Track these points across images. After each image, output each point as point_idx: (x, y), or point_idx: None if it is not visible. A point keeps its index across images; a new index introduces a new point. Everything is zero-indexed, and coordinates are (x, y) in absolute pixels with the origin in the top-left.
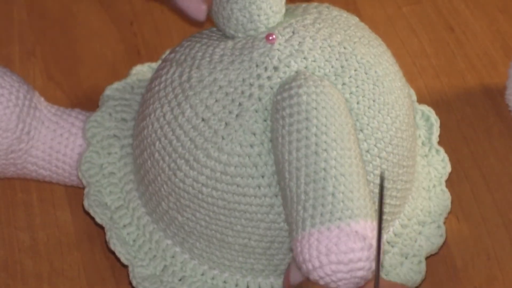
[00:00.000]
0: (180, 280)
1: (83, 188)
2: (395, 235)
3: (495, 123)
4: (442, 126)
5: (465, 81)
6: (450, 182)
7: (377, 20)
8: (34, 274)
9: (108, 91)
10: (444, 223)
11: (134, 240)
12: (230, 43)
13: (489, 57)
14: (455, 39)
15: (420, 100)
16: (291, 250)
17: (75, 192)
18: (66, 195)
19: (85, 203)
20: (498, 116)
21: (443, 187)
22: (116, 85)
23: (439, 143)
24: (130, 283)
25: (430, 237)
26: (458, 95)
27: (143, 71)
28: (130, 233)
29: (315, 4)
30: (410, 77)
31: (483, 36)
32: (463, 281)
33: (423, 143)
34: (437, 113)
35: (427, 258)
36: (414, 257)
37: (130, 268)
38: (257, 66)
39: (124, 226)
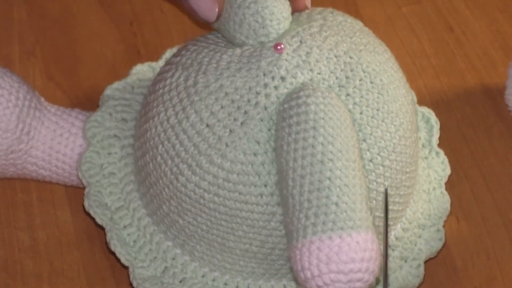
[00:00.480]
0: (180, 281)
1: (83, 188)
2: (396, 238)
3: (495, 123)
4: (442, 126)
5: (465, 81)
6: (450, 182)
7: (377, 20)
8: (34, 274)
9: (108, 90)
10: (444, 226)
11: (134, 241)
12: (238, 50)
13: (489, 57)
14: (455, 39)
15: (420, 100)
16: (288, 258)
17: (75, 192)
18: (66, 195)
19: (86, 204)
20: (498, 116)
21: (443, 189)
22: (116, 84)
23: (439, 143)
24: (131, 284)
25: (430, 241)
26: (457, 95)
27: (143, 70)
28: (131, 234)
29: (319, 9)
30: (410, 77)
31: (483, 36)
32: (463, 281)
33: (423, 145)
34: (437, 113)
35: (425, 261)
36: (413, 260)
37: (130, 269)
38: (264, 75)
39: (125, 227)
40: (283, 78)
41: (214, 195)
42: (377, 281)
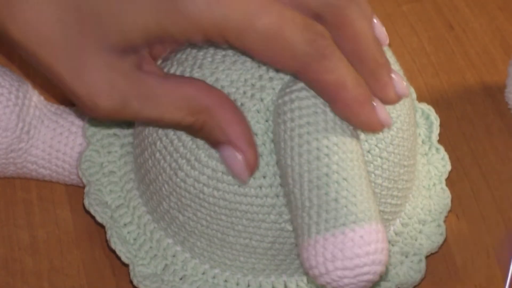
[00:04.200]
0: (181, 279)
1: (83, 186)
2: (396, 234)
3: (495, 121)
4: (441, 124)
5: (465, 79)
6: (450, 180)
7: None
8: (34, 272)
9: None
10: (444, 221)
11: (134, 239)
12: None
13: (488, 55)
14: (455, 37)
15: (420, 98)
16: (297, 255)
17: (75, 191)
18: (66, 193)
19: (86, 202)
20: (498, 114)
21: (443, 185)
22: None
23: (439, 141)
24: (131, 282)
25: (431, 236)
26: (457, 93)
27: None
28: (131, 232)
29: None
30: (410, 75)
31: (483, 34)
32: (463, 279)
33: (423, 142)
34: (437, 111)
35: (426, 257)
36: (414, 255)
37: (130, 267)
38: (259, 66)
39: (125, 225)
40: (278, 69)
41: (213, 189)
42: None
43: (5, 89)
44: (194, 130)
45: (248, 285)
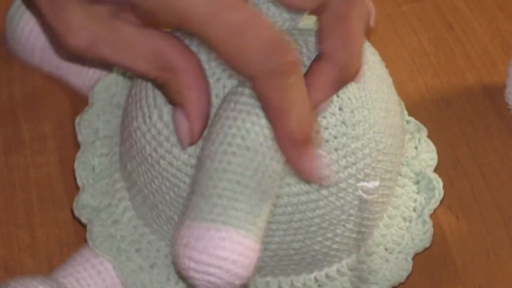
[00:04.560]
0: (151, 266)
1: None
2: (359, 261)
3: (495, 121)
4: (441, 125)
5: (465, 79)
6: (450, 180)
7: (376, 18)
8: (34, 272)
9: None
10: (413, 258)
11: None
12: None
13: (488, 55)
14: (455, 37)
15: (420, 99)
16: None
17: (75, 191)
18: (66, 193)
19: (75, 164)
20: (498, 114)
21: (426, 217)
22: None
23: (439, 141)
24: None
25: (394, 268)
26: (457, 94)
27: None
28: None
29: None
30: (410, 75)
31: (483, 34)
32: (463, 280)
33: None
34: (437, 112)
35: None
36: (375, 284)
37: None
38: None
39: (102, 177)
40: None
41: (160, 156)
42: None
43: None
44: (156, 85)
45: None
